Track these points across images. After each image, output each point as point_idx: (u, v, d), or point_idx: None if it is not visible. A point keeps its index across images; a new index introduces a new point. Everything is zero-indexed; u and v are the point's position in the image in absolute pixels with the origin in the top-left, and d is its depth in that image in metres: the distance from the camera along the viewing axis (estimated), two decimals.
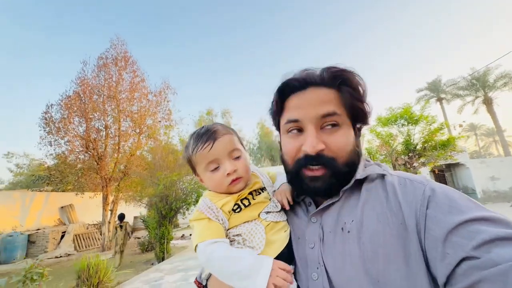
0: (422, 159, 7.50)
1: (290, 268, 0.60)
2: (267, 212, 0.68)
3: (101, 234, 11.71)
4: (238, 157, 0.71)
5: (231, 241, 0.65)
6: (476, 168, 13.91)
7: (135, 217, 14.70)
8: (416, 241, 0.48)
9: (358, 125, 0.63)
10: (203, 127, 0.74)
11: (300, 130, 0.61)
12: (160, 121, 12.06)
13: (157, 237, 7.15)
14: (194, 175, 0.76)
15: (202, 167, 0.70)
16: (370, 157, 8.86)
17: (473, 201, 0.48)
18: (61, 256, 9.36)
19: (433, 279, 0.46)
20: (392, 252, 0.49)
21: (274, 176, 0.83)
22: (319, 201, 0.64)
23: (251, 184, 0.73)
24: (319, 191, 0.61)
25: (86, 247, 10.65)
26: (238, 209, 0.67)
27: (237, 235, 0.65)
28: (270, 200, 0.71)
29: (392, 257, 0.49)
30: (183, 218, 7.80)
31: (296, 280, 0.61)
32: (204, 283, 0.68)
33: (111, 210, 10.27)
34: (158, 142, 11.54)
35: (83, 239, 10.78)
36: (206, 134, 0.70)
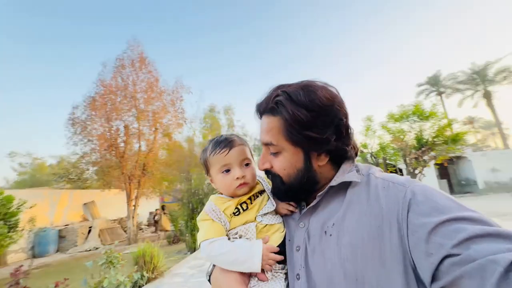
0: (433, 153, 8.05)
1: (276, 248, 0.69)
2: (263, 215, 0.76)
3: (123, 229, 12.33)
4: (247, 166, 0.80)
5: (229, 240, 0.74)
6: (477, 160, 14.58)
7: (150, 213, 15.24)
8: (397, 243, 0.50)
9: (312, 150, 0.64)
10: (222, 135, 0.84)
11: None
12: (176, 120, 12.49)
13: (189, 229, 7.69)
14: (206, 175, 0.87)
15: (215, 169, 0.79)
16: (382, 151, 9.44)
17: (454, 201, 0.50)
18: (90, 250, 9.89)
19: (416, 278, 0.49)
20: (369, 253, 0.52)
21: None
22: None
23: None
24: (278, 197, 0.75)
25: (111, 241, 11.18)
26: (238, 212, 0.75)
27: (235, 234, 0.74)
28: (267, 200, 0.79)
29: (370, 258, 0.52)
30: None
31: (287, 279, 0.68)
32: (207, 278, 0.78)
33: (134, 206, 10.79)
34: (172, 140, 12.03)
35: (108, 233, 11.30)
36: (224, 142, 0.79)
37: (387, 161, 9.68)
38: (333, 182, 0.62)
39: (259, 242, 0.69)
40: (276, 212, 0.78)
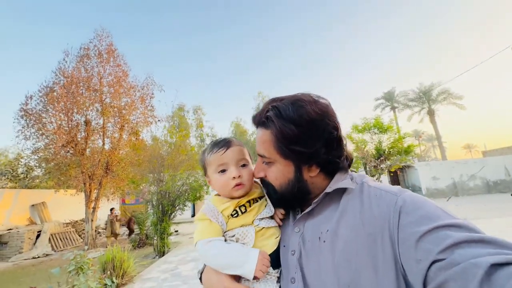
0: (388, 162, 9.09)
1: (269, 257, 0.69)
2: (261, 219, 0.76)
3: (78, 233, 11.24)
4: (244, 166, 0.80)
5: (226, 241, 0.74)
6: (422, 169, 16.70)
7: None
8: (389, 251, 0.52)
9: (301, 163, 0.66)
10: (221, 138, 0.86)
11: None
12: (145, 118, 11.91)
13: (158, 232, 7.43)
14: (204, 176, 0.87)
15: (212, 169, 0.80)
16: None
17: (441, 209, 0.52)
18: (39, 257, 8.86)
19: (407, 285, 0.50)
20: (362, 261, 0.53)
21: None
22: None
23: (250, 192, 0.81)
24: (273, 204, 0.77)
25: (64, 247, 10.15)
26: (236, 215, 0.76)
27: (232, 236, 0.74)
28: (265, 206, 0.79)
29: (363, 265, 0.53)
30: (180, 214, 8.14)
31: (280, 283, 0.69)
32: (199, 276, 0.78)
33: (94, 208, 9.97)
34: (139, 138, 11.48)
35: (60, 239, 10.24)
36: (222, 142, 0.81)
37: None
38: (328, 189, 0.65)
39: (256, 250, 0.68)
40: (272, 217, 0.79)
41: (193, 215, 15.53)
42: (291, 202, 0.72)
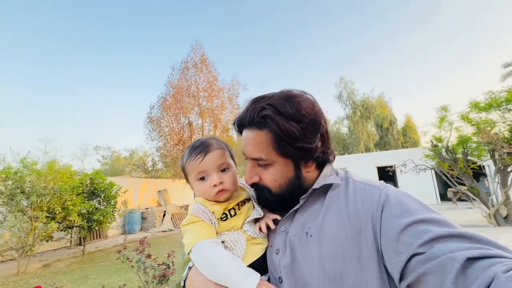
0: None
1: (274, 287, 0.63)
2: (250, 224, 0.74)
3: None
4: (225, 171, 0.76)
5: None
6: None
7: None
8: (372, 242, 0.53)
9: (301, 160, 0.65)
10: (198, 140, 0.80)
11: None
12: (233, 116, 13.26)
13: None
14: (186, 182, 0.81)
15: (192, 176, 0.76)
16: (461, 144, 8.32)
17: (423, 204, 0.54)
18: (165, 231, 11.40)
19: (388, 276, 0.52)
20: (347, 253, 0.54)
21: None
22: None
23: (238, 195, 0.78)
24: (268, 208, 0.75)
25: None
26: (225, 218, 0.73)
27: (222, 241, 0.70)
28: (253, 208, 0.76)
29: (348, 257, 0.54)
30: None
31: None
32: (182, 284, 0.73)
33: None
34: (229, 135, 12.85)
35: (178, 218, 12.81)
36: (200, 147, 0.75)
37: (468, 157, 8.48)
38: (316, 185, 0.65)
39: (257, 276, 0.62)
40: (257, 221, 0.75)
41: None
42: (290, 201, 0.68)
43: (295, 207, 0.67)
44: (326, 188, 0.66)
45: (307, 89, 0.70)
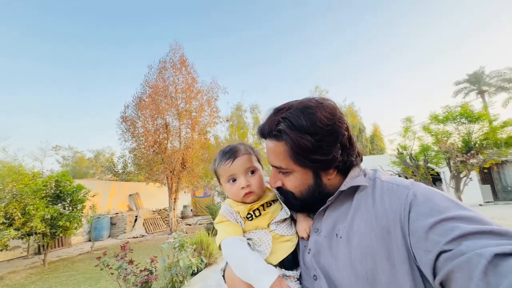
0: (481, 156, 7.73)
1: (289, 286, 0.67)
2: (277, 224, 0.79)
3: (162, 220, 13.26)
4: (253, 174, 0.82)
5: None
6: None
7: (184, 206, 16.15)
8: (401, 243, 0.53)
9: (320, 170, 0.67)
10: (228, 146, 0.88)
11: None
12: (211, 119, 13.12)
13: None
14: (219, 183, 0.89)
15: (223, 179, 0.84)
16: (422, 152, 9.20)
17: (453, 201, 0.53)
18: (137, 237, 10.81)
19: (422, 277, 0.51)
20: (377, 254, 0.54)
21: None
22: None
23: (264, 196, 0.84)
24: (294, 210, 0.80)
25: (153, 230, 12.10)
26: (251, 218, 0.79)
27: (249, 239, 0.77)
28: (281, 209, 0.81)
29: (378, 258, 0.54)
30: None
31: (301, 282, 0.72)
32: (222, 274, 0.81)
33: (175, 199, 11.60)
34: (207, 138, 12.71)
35: (150, 223, 12.24)
36: (229, 153, 0.83)
37: (428, 164, 9.41)
38: (343, 187, 0.66)
39: (274, 274, 0.66)
40: (291, 221, 0.81)
41: None
42: (313, 205, 0.72)
43: (322, 208, 0.70)
44: (354, 189, 0.66)
45: (285, 96, 0.76)
